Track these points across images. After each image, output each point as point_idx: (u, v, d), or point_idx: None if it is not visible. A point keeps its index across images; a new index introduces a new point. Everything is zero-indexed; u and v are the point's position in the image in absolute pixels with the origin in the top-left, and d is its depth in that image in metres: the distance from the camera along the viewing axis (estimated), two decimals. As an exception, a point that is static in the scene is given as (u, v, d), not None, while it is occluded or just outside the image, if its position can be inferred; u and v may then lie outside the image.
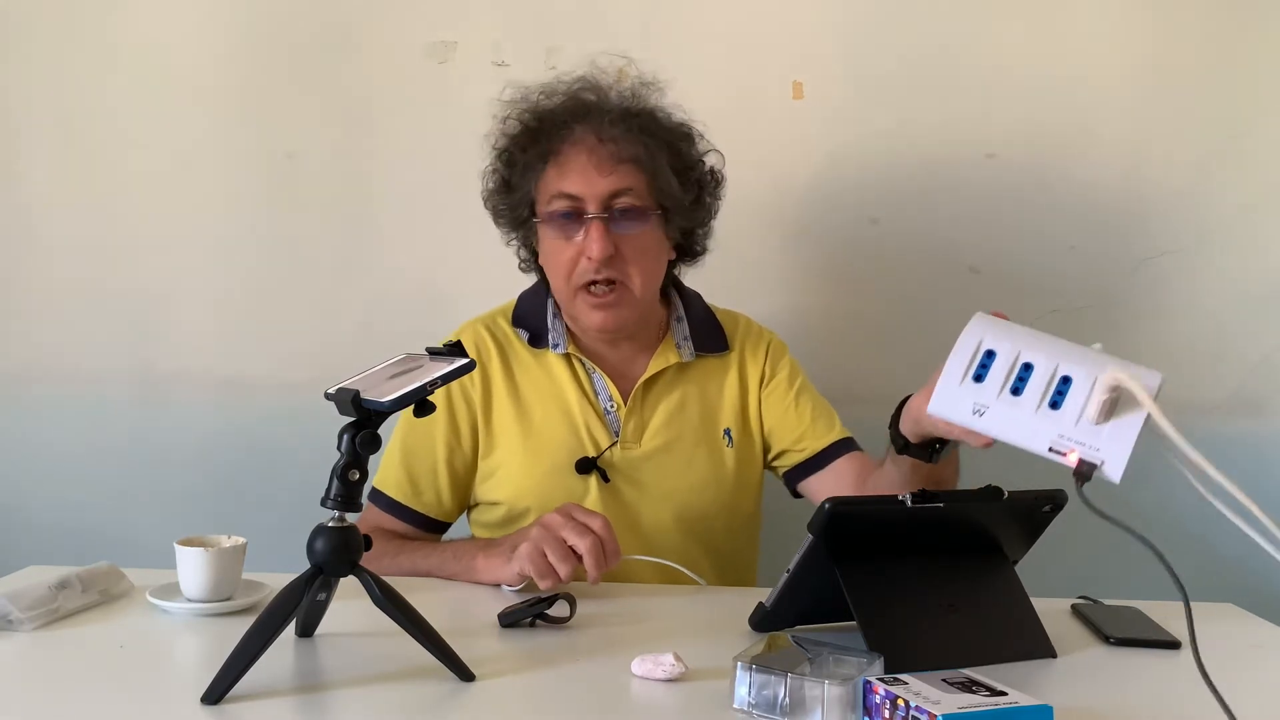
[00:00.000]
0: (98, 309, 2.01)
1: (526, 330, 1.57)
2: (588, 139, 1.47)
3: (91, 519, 2.00)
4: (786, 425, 1.60)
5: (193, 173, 1.99)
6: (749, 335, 1.65)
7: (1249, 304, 2.01)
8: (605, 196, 1.46)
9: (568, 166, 1.47)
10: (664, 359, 1.57)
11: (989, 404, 1.05)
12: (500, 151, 1.54)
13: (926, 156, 1.99)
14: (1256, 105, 1.99)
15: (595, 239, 1.45)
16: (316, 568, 1.04)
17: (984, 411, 1.05)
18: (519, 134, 1.52)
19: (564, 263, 1.48)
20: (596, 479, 1.50)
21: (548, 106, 1.51)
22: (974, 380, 1.07)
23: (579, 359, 1.56)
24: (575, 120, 1.48)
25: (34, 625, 1.14)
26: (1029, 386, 1.05)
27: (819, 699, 0.93)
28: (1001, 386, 1.06)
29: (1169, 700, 1.07)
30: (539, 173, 1.49)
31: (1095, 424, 1.01)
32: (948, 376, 1.08)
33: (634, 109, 1.50)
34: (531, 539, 1.28)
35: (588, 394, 1.54)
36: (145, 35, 1.98)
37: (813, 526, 1.11)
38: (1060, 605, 1.33)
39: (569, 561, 1.27)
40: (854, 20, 1.98)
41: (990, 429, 1.05)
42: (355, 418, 1.03)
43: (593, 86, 1.52)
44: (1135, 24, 1.98)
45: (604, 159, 1.46)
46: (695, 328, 1.61)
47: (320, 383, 1.06)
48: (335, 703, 1.00)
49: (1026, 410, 1.04)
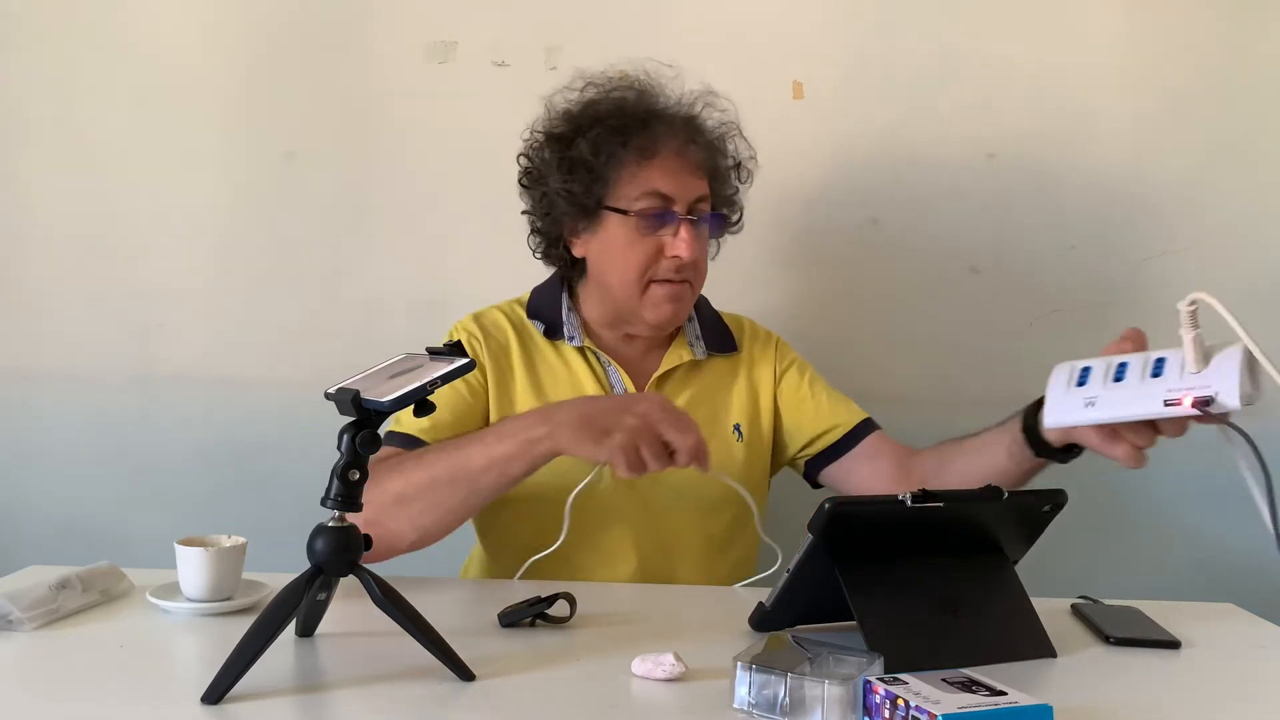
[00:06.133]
0: (98, 309, 2.01)
1: (542, 322, 1.58)
2: (674, 141, 1.50)
3: (91, 519, 2.00)
4: (807, 415, 1.62)
5: (193, 173, 1.99)
6: (756, 337, 1.67)
7: (1249, 304, 2.00)
8: (693, 200, 1.50)
9: (663, 165, 1.49)
10: (677, 356, 1.59)
11: (1097, 394, 1.13)
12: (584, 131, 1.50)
13: (926, 156, 1.99)
14: (1256, 105, 1.99)
15: (689, 241, 1.49)
16: (316, 568, 1.04)
17: (1094, 401, 1.12)
18: (610, 119, 1.50)
19: (640, 258, 1.50)
20: (611, 469, 1.50)
21: (629, 100, 1.52)
22: (1078, 385, 1.15)
23: (594, 352, 1.57)
24: (660, 121, 1.51)
25: (34, 625, 1.14)
26: (1129, 371, 1.13)
27: (819, 699, 0.93)
28: (1103, 380, 1.13)
29: (1169, 700, 1.07)
30: (624, 165, 1.49)
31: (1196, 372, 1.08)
32: (1053, 389, 1.16)
33: (707, 118, 1.55)
34: (627, 428, 1.25)
35: (604, 386, 1.56)
36: (145, 35, 1.98)
37: (813, 526, 1.11)
38: (1060, 605, 1.33)
39: (662, 459, 1.26)
40: (854, 20, 1.98)
41: (1104, 413, 1.12)
42: (355, 418, 1.03)
43: (660, 89, 1.54)
44: (1135, 24, 1.98)
45: (691, 163, 1.51)
46: (706, 328, 1.63)
47: (320, 383, 1.06)
48: (335, 703, 1.00)
49: (1133, 385, 1.11)
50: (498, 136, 1.96)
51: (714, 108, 1.56)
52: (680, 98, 1.55)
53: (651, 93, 1.54)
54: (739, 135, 1.58)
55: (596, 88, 1.54)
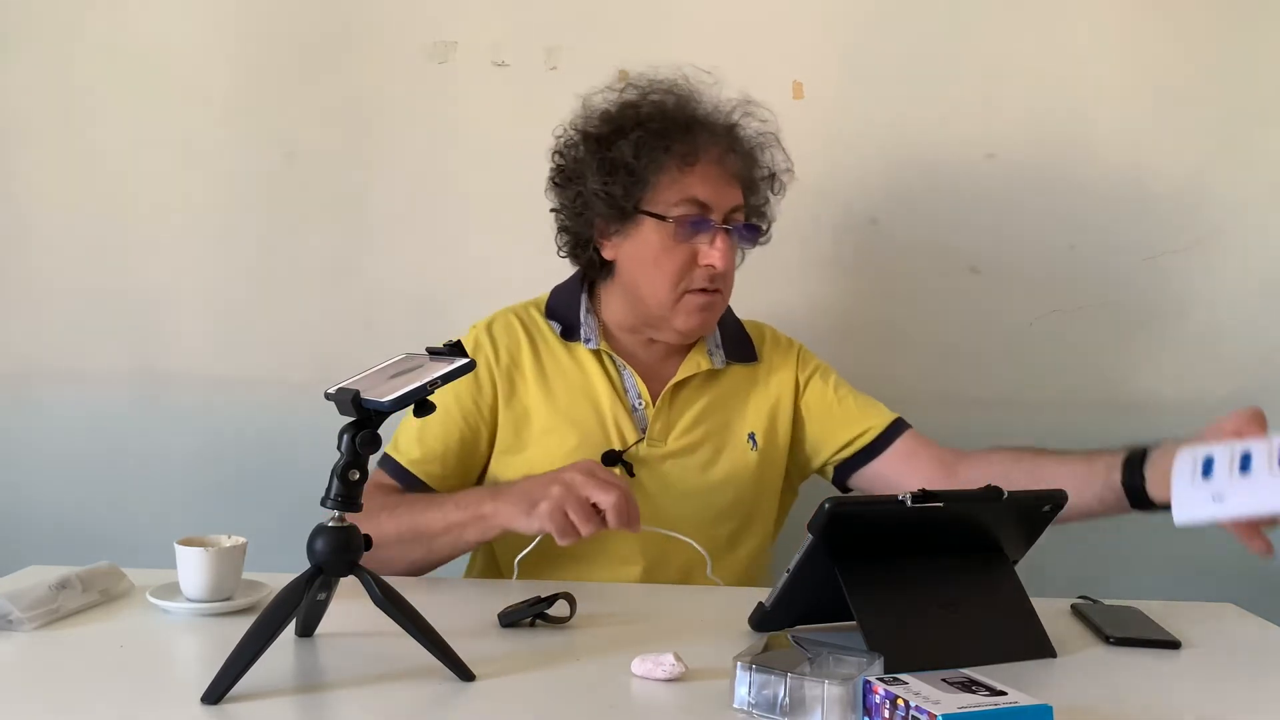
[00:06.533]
0: (98, 309, 2.01)
1: (559, 323, 1.58)
2: (715, 149, 1.49)
3: (91, 519, 2.00)
4: (835, 421, 1.60)
5: (192, 173, 1.99)
6: (776, 347, 1.66)
7: (1249, 304, 2.01)
8: (729, 209, 1.50)
9: (703, 173, 1.49)
10: (695, 364, 1.57)
11: (1224, 488, 1.10)
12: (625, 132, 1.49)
13: (926, 156, 1.99)
14: (1256, 105, 1.99)
15: (724, 251, 1.49)
16: (316, 568, 1.04)
17: (1222, 496, 1.10)
18: (653, 122, 1.49)
19: (674, 265, 1.49)
20: (621, 472, 1.50)
21: (670, 105, 1.51)
22: (1202, 478, 1.12)
23: (610, 355, 1.56)
24: (703, 128, 1.50)
25: (34, 625, 1.14)
26: (1255, 461, 1.10)
27: (819, 699, 0.93)
28: (1229, 471, 1.11)
29: (1169, 700, 1.07)
30: (665, 169, 1.48)
31: None
32: (1179, 483, 1.14)
33: (745, 127, 1.54)
34: (553, 497, 1.26)
35: (617, 390, 1.55)
36: (145, 35, 1.98)
37: (813, 526, 1.11)
38: (1060, 605, 1.33)
39: (592, 521, 1.26)
40: (854, 20, 1.98)
41: (1233, 509, 1.10)
42: (355, 418, 1.03)
43: (699, 95, 1.53)
44: (1135, 24, 1.98)
45: (730, 172, 1.51)
46: (727, 336, 1.62)
47: (320, 382, 1.06)
48: (335, 703, 1.00)
49: (1261, 476, 1.08)
50: (498, 136, 1.97)
51: (754, 117, 1.55)
52: (718, 105, 1.54)
53: (692, 98, 1.53)
54: (777, 145, 1.57)
55: (636, 89, 1.53)
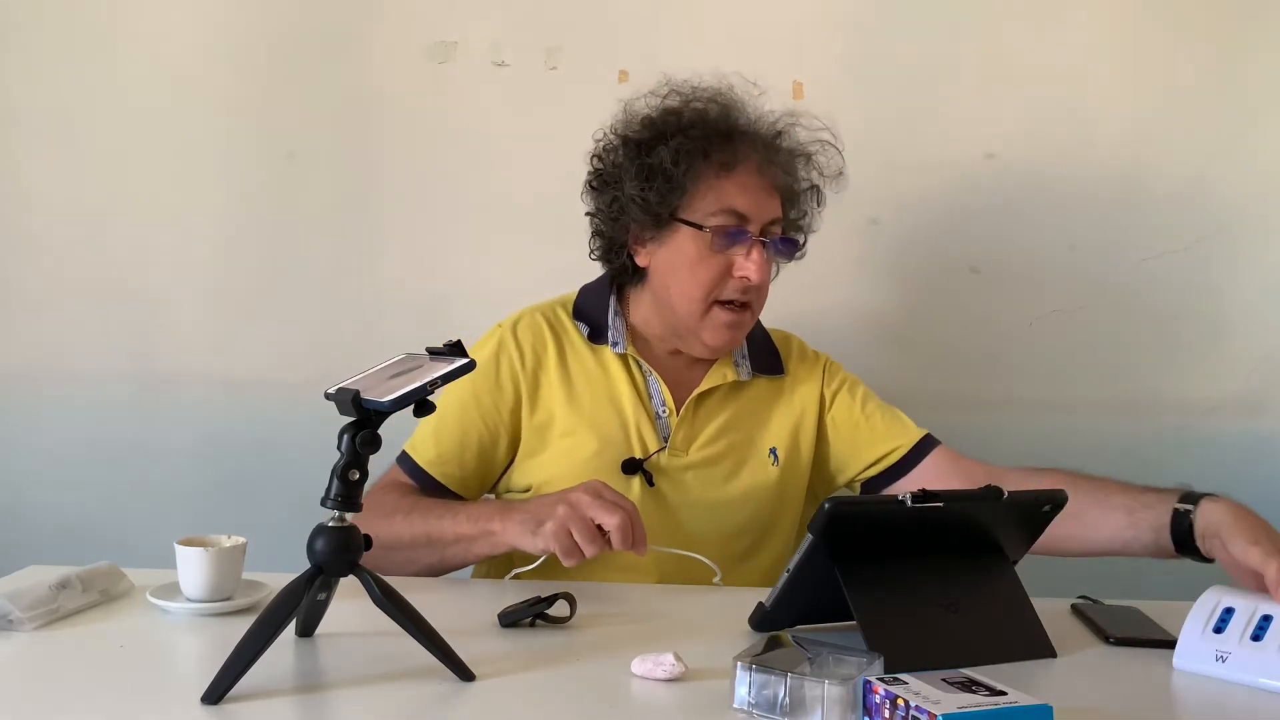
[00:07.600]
0: (98, 309, 2.01)
1: (586, 324, 1.56)
2: (754, 159, 1.48)
3: (91, 519, 2.00)
4: (863, 439, 1.59)
5: (193, 173, 1.99)
6: (803, 359, 1.65)
7: (1249, 303, 2.01)
8: (767, 221, 1.49)
9: (743, 183, 1.48)
10: (721, 375, 1.56)
11: (1231, 650, 1.12)
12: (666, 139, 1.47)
13: (926, 156, 1.99)
14: (1256, 105, 1.99)
15: (760, 264, 1.47)
16: (316, 568, 1.04)
17: (1226, 658, 1.11)
18: (693, 129, 1.48)
19: (708, 275, 1.48)
20: (641, 481, 1.49)
21: (712, 113, 1.50)
22: (1214, 632, 1.14)
23: (636, 360, 1.55)
24: (743, 137, 1.49)
25: (34, 625, 1.14)
26: (1270, 631, 1.11)
27: (819, 699, 0.93)
28: (1241, 634, 1.12)
29: (1169, 700, 1.07)
30: (704, 177, 1.47)
31: None
32: (1190, 629, 1.15)
33: (788, 138, 1.53)
34: (558, 517, 1.26)
35: (642, 396, 1.53)
36: (146, 35, 1.98)
37: (813, 526, 1.11)
38: (1060, 605, 1.33)
39: (596, 543, 1.25)
40: (854, 20, 1.98)
41: (1233, 674, 1.11)
42: (355, 418, 1.03)
43: (741, 104, 1.52)
44: (1135, 24, 1.98)
45: (769, 183, 1.50)
46: (754, 347, 1.61)
47: (320, 382, 1.06)
48: (335, 703, 1.00)
49: (1269, 651, 1.10)
50: (498, 136, 1.97)
51: (804, 127, 1.53)
52: (762, 115, 1.53)
53: (735, 107, 1.52)
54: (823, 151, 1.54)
55: (680, 96, 1.52)
